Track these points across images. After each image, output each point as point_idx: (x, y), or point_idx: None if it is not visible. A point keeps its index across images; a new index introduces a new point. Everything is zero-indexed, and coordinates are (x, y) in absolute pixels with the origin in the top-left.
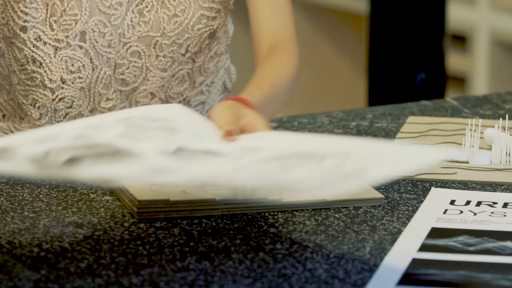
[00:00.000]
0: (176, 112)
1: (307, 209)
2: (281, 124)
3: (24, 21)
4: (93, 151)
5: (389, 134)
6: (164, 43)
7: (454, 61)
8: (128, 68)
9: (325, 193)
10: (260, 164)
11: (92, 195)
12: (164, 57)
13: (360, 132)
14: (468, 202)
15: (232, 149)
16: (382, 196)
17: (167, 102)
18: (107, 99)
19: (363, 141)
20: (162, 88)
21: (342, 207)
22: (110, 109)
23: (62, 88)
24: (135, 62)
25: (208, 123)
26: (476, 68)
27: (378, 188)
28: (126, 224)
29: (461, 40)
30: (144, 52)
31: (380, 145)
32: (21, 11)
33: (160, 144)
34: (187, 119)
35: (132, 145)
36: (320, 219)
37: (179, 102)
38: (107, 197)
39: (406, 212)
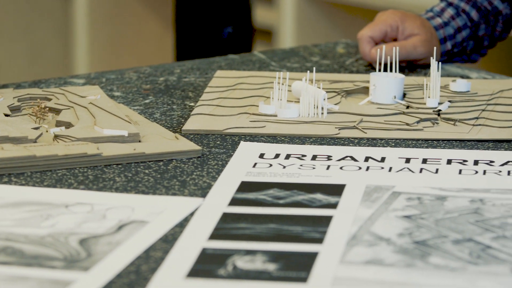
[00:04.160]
0: None
1: (117, 165)
2: (89, 80)
3: None
4: None
5: (197, 88)
6: None
7: (261, 14)
8: None
9: (143, 147)
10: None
11: None
12: None
13: (168, 87)
14: (277, 155)
15: None
16: (199, 148)
17: None
18: None
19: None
20: None
21: (151, 162)
22: None
23: None
24: None
25: None
26: (282, 21)
27: None
28: None
29: None
30: None
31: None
32: None
33: None
34: None
35: None
36: (130, 175)
37: None
38: None
39: (215, 167)
